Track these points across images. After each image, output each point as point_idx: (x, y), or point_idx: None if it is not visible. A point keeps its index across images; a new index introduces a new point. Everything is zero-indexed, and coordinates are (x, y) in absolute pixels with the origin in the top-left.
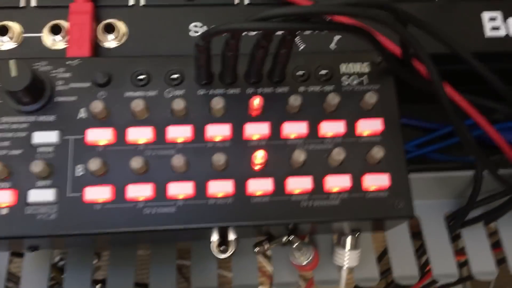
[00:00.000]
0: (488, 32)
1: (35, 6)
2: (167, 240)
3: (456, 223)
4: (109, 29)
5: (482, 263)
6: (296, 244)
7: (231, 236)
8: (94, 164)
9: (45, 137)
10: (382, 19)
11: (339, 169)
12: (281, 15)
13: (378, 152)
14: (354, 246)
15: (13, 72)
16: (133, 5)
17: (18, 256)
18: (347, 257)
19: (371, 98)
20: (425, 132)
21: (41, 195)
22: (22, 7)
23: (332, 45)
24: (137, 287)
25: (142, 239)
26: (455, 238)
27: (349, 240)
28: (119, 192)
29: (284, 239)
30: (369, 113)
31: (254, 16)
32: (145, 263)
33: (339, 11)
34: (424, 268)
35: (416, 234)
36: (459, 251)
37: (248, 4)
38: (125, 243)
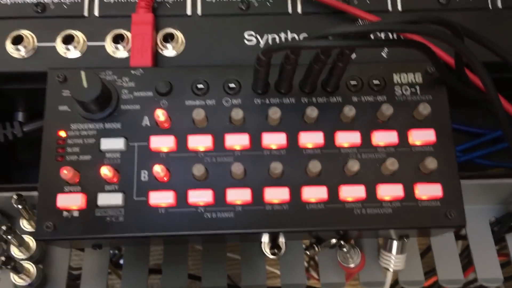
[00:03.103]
0: None
1: (98, 16)
2: (220, 241)
3: (501, 228)
4: (169, 38)
5: None
6: (346, 248)
7: (281, 238)
8: (159, 170)
9: (113, 144)
10: (441, 36)
11: (391, 178)
12: (341, 33)
13: (431, 163)
14: (400, 251)
15: (84, 83)
16: (190, 15)
17: (79, 250)
18: (393, 260)
19: (425, 109)
20: (468, 137)
21: (110, 198)
22: (86, 17)
23: (383, 54)
24: (190, 279)
25: (198, 240)
26: (499, 243)
27: (395, 244)
28: (181, 197)
29: (334, 241)
30: (422, 124)
31: (315, 34)
32: (195, 255)
33: (399, 29)
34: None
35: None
36: (501, 251)
37: (301, 13)
38: (179, 242)
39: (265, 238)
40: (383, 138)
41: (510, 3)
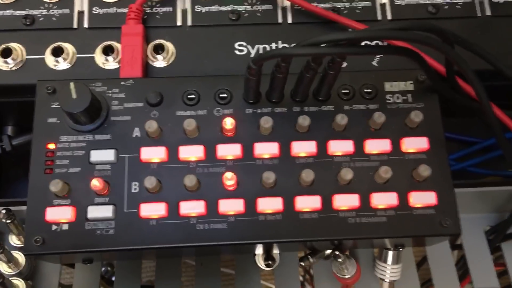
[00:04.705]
0: None
1: (87, 28)
2: (213, 253)
3: (496, 237)
4: (159, 49)
5: None
6: (341, 258)
7: (275, 250)
8: (150, 182)
9: (103, 155)
10: (432, 43)
11: (385, 187)
12: (332, 40)
13: (425, 170)
14: (396, 261)
15: (73, 94)
16: (180, 25)
17: (70, 266)
18: (389, 271)
19: (416, 116)
20: (461, 145)
21: (100, 211)
22: (75, 29)
23: (374, 63)
24: None
25: (190, 252)
26: (495, 252)
27: (391, 254)
28: (173, 209)
29: (329, 252)
30: (414, 131)
31: (305, 41)
32: (188, 271)
33: (389, 36)
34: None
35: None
36: (497, 261)
37: (291, 23)
38: (172, 255)
39: (259, 250)
40: (376, 146)
41: (499, 11)
